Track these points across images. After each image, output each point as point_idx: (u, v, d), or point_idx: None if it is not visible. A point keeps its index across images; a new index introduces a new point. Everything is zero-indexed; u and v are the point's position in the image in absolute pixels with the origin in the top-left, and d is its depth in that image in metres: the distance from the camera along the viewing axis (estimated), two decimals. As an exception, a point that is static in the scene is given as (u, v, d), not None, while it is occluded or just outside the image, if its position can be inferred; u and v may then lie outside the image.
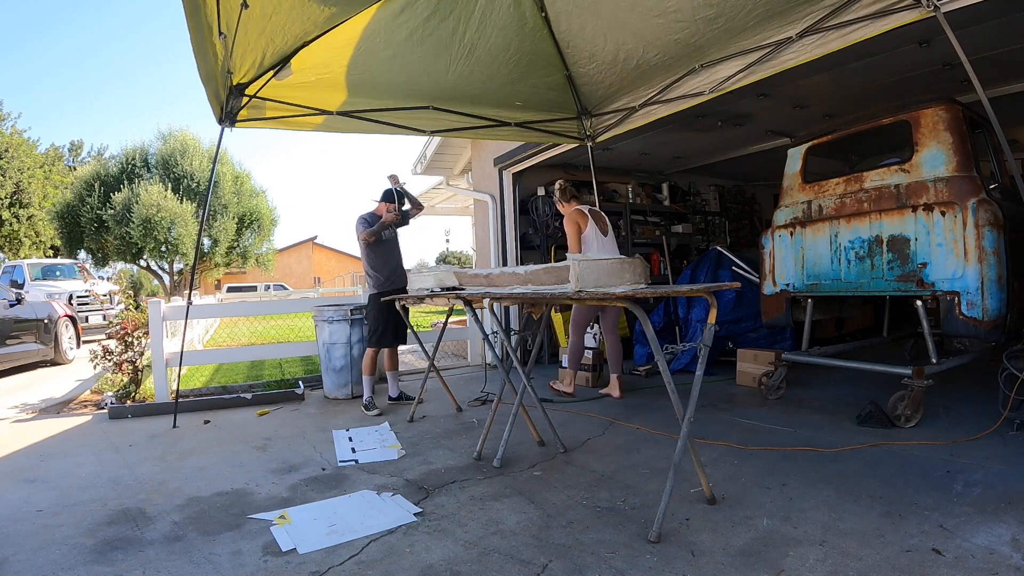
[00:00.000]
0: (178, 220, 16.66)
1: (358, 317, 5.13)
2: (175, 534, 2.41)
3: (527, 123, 5.09)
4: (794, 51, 3.48)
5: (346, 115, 4.44)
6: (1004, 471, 2.65)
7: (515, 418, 3.18)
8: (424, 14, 3.54)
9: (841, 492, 2.52)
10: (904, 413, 3.40)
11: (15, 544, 2.36)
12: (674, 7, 3.47)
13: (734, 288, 2.46)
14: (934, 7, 2.70)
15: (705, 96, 4.17)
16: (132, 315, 5.46)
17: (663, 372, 2.30)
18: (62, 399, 5.59)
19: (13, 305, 7.19)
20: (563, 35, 4.08)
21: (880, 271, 3.69)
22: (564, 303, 2.98)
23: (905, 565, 1.91)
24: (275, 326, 11.50)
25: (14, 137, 21.58)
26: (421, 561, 2.11)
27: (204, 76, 3.45)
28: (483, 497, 2.68)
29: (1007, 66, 4.28)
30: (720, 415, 3.93)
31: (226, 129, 4.07)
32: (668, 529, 2.24)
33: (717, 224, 8.68)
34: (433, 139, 8.15)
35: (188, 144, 18.15)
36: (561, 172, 7.10)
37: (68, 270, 13.81)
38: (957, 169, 3.40)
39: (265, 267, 21.31)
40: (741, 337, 5.26)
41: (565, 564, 2.04)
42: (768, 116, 5.68)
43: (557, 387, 4.83)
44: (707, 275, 5.58)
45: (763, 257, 4.47)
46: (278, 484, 2.97)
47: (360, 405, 4.61)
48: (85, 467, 3.37)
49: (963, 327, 3.28)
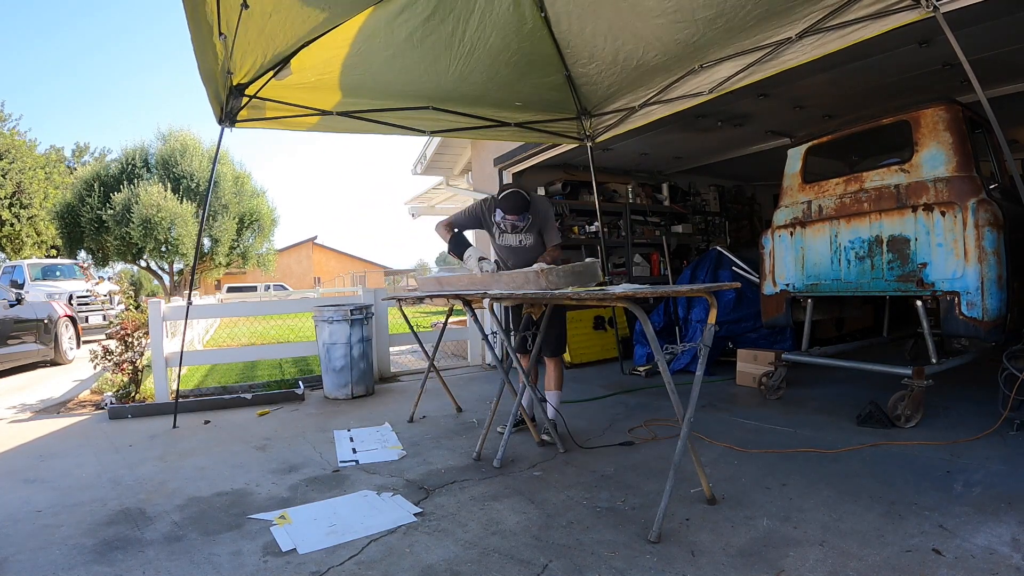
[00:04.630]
0: (178, 220, 16.66)
1: (358, 317, 5.13)
2: (175, 534, 2.41)
3: (527, 123, 5.09)
4: (794, 51, 3.48)
5: (346, 115, 4.45)
6: (1004, 471, 2.65)
7: (515, 418, 3.17)
8: (424, 14, 3.54)
9: (841, 492, 2.52)
10: (904, 413, 3.40)
11: (15, 544, 2.36)
12: (674, 7, 3.47)
13: (734, 288, 2.46)
14: (934, 7, 2.70)
15: (705, 96, 4.17)
16: (132, 315, 5.46)
17: (663, 372, 2.30)
18: (61, 399, 5.59)
19: (13, 305, 7.19)
20: (563, 35, 4.08)
21: (880, 271, 3.69)
22: (564, 303, 2.98)
23: (905, 565, 1.91)
24: (275, 326, 11.50)
25: (15, 138, 21.58)
26: (421, 561, 2.11)
27: (204, 76, 3.45)
28: (483, 497, 2.68)
29: (1007, 66, 4.28)
30: (720, 415, 3.93)
31: (226, 129, 4.08)
32: (668, 529, 2.24)
33: (717, 224, 8.68)
34: (433, 139, 8.15)
35: (188, 144, 18.15)
36: (561, 172, 7.10)
37: (68, 270, 13.81)
38: (957, 169, 3.40)
39: (265, 267, 21.30)
40: (741, 337, 5.26)
41: (565, 564, 2.04)
42: (768, 116, 5.69)
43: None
44: (707, 275, 5.58)
45: (763, 257, 4.47)
46: (278, 484, 2.97)
47: (359, 406, 4.57)
48: (85, 467, 3.37)
49: (963, 327, 3.29)
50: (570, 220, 6.91)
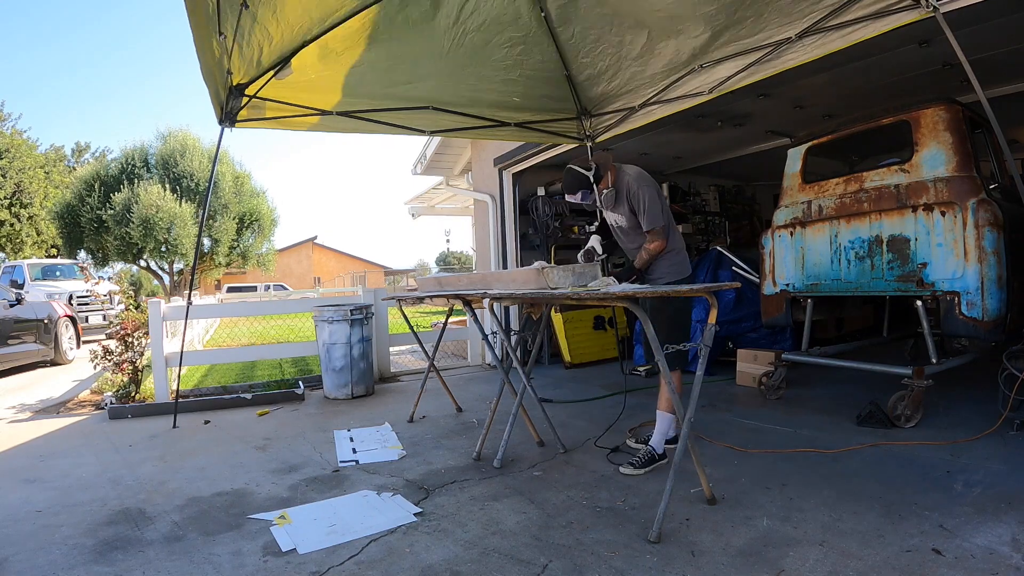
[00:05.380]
0: (178, 220, 16.64)
1: (358, 317, 5.13)
2: (175, 534, 2.41)
3: (527, 123, 5.08)
4: (794, 51, 3.48)
5: (346, 115, 4.44)
6: (1004, 471, 2.65)
7: (515, 418, 3.18)
8: (422, 8, 3.54)
9: (841, 492, 2.52)
10: (904, 413, 3.40)
11: (15, 544, 2.36)
12: (674, 7, 3.46)
13: (734, 288, 2.46)
14: (934, 7, 2.70)
15: (705, 96, 4.16)
16: (132, 315, 5.46)
17: (663, 372, 2.30)
18: (61, 399, 5.59)
19: (13, 305, 7.19)
20: (563, 34, 4.08)
21: (880, 271, 3.69)
22: (564, 303, 2.98)
23: (905, 565, 1.91)
24: (275, 326, 11.50)
25: (15, 138, 21.58)
26: (421, 561, 2.11)
27: (205, 76, 3.45)
28: (483, 497, 2.68)
29: (1007, 66, 4.27)
30: (720, 415, 3.93)
31: (226, 129, 4.07)
32: (668, 529, 2.24)
33: (717, 224, 8.68)
34: (433, 139, 8.15)
35: (188, 144, 18.13)
36: (561, 172, 7.10)
37: (68, 270, 13.82)
38: (957, 169, 3.40)
39: (265, 267, 21.29)
40: (741, 337, 5.26)
41: (565, 564, 2.04)
42: (768, 116, 5.68)
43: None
44: (707, 275, 5.58)
45: (763, 257, 4.46)
46: (278, 484, 2.97)
47: (359, 406, 4.57)
48: (85, 467, 3.37)
49: (963, 327, 3.29)
50: (570, 220, 6.92)
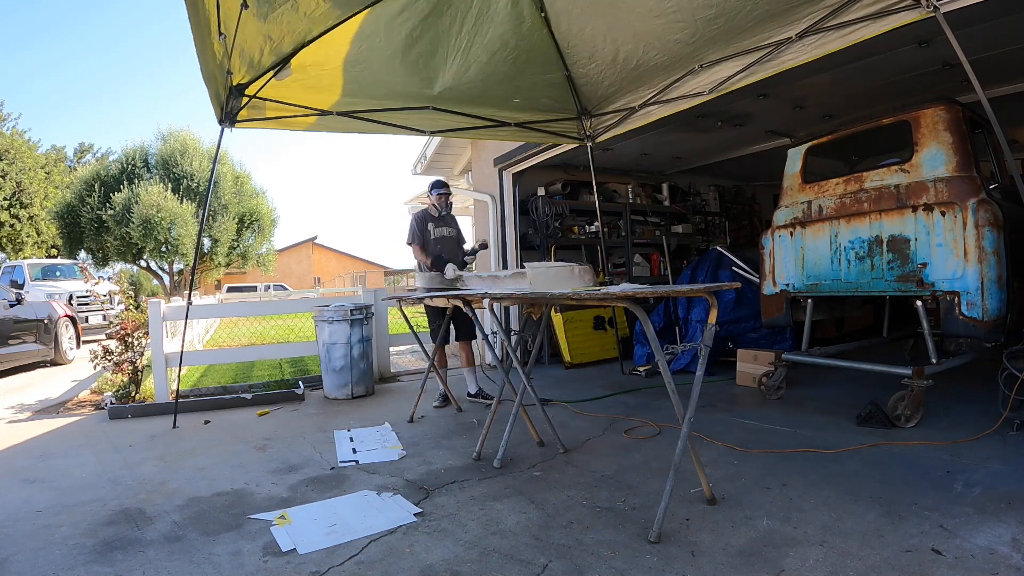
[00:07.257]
0: (178, 220, 16.64)
1: (358, 317, 5.13)
2: (175, 534, 2.41)
3: (527, 123, 5.09)
4: (794, 51, 3.48)
5: (346, 115, 4.45)
6: (1004, 471, 2.65)
7: (515, 418, 3.18)
8: (423, 12, 3.54)
9: (841, 492, 2.52)
10: (904, 413, 3.39)
11: (15, 544, 2.36)
12: (674, 7, 3.47)
13: (734, 288, 2.46)
14: (934, 7, 2.70)
15: (705, 96, 4.17)
16: (132, 315, 5.46)
17: (663, 372, 2.30)
18: (61, 399, 5.59)
19: (13, 305, 7.19)
20: (563, 35, 4.09)
21: (880, 271, 3.69)
22: (564, 303, 2.98)
23: (905, 565, 1.91)
24: (275, 326, 11.49)
25: (15, 138, 21.57)
26: (421, 561, 2.11)
27: (206, 76, 3.45)
28: (483, 497, 2.68)
29: (1007, 66, 4.27)
30: (720, 415, 3.93)
31: (226, 129, 4.08)
32: (668, 529, 2.24)
33: (717, 224, 8.68)
34: (433, 139, 8.15)
35: (188, 144, 18.14)
36: (561, 172, 7.10)
37: (68, 270, 13.81)
38: (957, 169, 3.40)
39: (265, 267, 21.30)
40: (741, 337, 5.26)
41: (565, 564, 2.04)
42: (768, 116, 5.68)
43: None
44: (707, 275, 5.58)
45: (763, 257, 4.46)
46: (278, 484, 2.97)
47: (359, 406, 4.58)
48: (85, 467, 3.37)
49: (963, 327, 3.28)
50: (570, 220, 6.92)
